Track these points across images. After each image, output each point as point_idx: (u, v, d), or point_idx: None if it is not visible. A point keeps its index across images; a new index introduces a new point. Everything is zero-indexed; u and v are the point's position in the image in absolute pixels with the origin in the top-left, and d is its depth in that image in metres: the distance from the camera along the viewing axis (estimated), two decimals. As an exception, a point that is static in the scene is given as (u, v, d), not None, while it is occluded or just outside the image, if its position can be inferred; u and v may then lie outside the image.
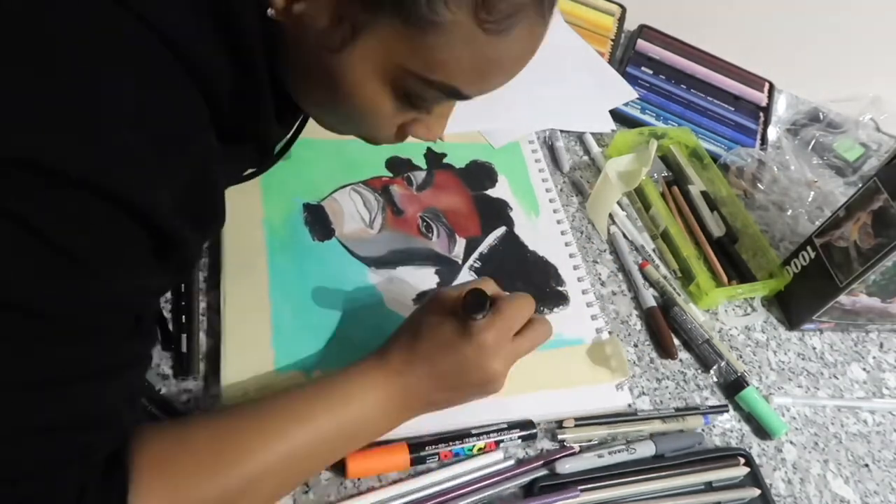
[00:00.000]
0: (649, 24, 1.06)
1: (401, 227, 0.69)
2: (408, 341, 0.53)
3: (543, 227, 0.75)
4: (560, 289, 0.70)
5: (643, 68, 1.00)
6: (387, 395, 0.51)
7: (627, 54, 1.01)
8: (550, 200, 0.77)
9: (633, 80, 0.97)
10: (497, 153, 0.80)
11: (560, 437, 0.59)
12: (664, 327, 0.70)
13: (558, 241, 0.74)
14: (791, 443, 0.68)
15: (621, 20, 1.06)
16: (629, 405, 0.64)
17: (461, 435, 0.56)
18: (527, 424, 0.59)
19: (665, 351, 0.69)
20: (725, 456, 0.63)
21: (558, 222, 0.76)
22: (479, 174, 0.77)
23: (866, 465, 0.69)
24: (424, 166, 0.75)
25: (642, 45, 1.03)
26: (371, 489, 0.53)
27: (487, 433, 0.57)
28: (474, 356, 0.51)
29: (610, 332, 0.68)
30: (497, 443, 0.58)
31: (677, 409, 0.65)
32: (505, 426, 0.58)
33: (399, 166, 0.74)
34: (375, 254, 0.66)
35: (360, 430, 0.51)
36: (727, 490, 0.61)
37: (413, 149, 0.75)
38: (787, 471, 0.66)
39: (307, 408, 0.49)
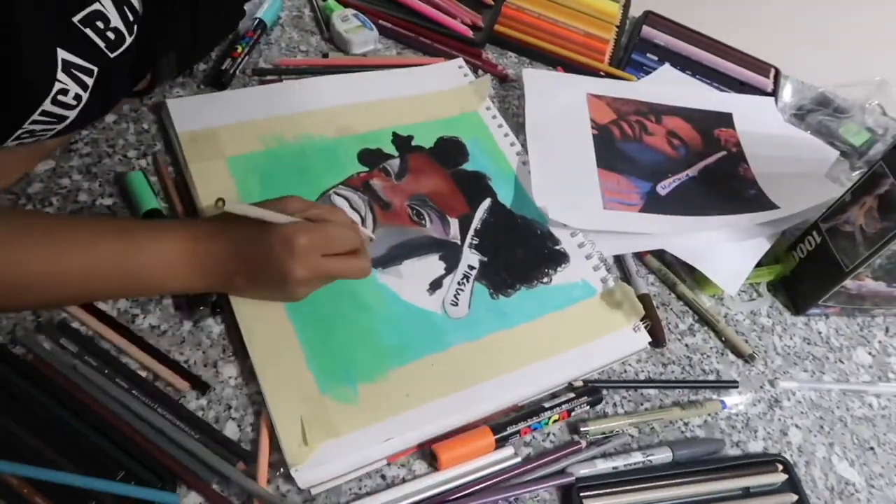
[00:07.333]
0: (654, 11, 1.06)
1: (393, 220, 0.68)
2: (218, 222, 0.56)
3: (522, 190, 0.75)
4: (557, 248, 0.71)
5: (648, 55, 1.00)
6: (180, 254, 0.53)
7: (633, 41, 1.00)
8: (524, 163, 0.77)
9: (638, 67, 0.97)
10: (459, 123, 0.79)
11: (583, 429, 0.60)
12: (655, 315, 0.70)
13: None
14: (797, 426, 0.68)
15: (626, 6, 1.05)
16: (649, 343, 0.67)
17: (536, 411, 0.59)
18: (592, 391, 0.62)
19: (654, 338, 0.68)
20: (762, 462, 0.63)
21: None
22: (450, 150, 0.76)
23: (871, 449, 0.69)
24: (396, 153, 0.74)
25: (648, 31, 1.03)
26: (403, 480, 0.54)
27: (560, 405, 0.60)
28: (279, 248, 0.54)
29: (615, 279, 0.69)
30: (569, 412, 0.60)
31: (686, 381, 0.67)
32: (573, 395, 0.61)
33: (371, 158, 0.72)
34: (377, 254, 0.65)
35: (144, 279, 0.53)
36: (764, 496, 0.61)
37: (380, 138, 0.74)
38: (792, 454, 0.66)
39: (98, 237, 0.52)
